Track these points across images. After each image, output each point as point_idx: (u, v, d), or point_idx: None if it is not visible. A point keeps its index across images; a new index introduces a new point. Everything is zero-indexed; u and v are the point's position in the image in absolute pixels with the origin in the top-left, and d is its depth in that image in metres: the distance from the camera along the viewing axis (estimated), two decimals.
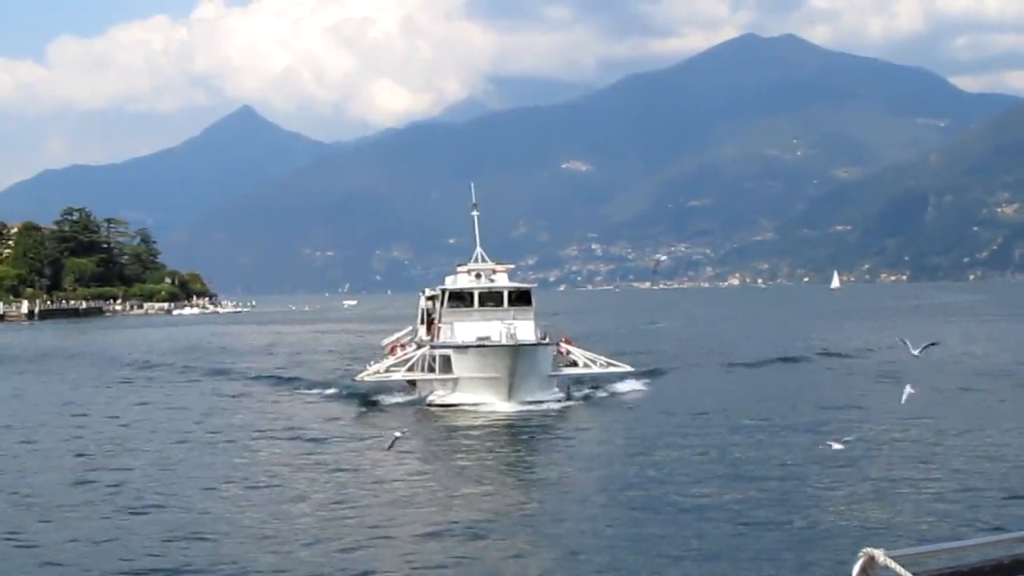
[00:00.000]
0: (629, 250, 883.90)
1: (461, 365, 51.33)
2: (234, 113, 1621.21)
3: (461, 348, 51.55)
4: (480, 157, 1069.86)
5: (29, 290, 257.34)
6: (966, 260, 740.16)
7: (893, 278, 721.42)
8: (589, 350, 59.07)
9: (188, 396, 65.42)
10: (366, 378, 55.79)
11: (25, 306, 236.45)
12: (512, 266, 63.33)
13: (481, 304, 55.39)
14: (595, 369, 56.63)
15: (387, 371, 56.39)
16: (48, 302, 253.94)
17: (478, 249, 60.71)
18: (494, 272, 58.70)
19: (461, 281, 58.24)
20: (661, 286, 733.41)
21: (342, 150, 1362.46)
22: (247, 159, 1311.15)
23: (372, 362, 60.22)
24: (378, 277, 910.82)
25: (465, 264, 60.40)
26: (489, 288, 56.59)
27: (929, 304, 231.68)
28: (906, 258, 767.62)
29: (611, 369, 57.13)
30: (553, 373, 54.89)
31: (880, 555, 4.52)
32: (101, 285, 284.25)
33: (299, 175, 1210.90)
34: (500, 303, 55.39)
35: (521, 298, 56.31)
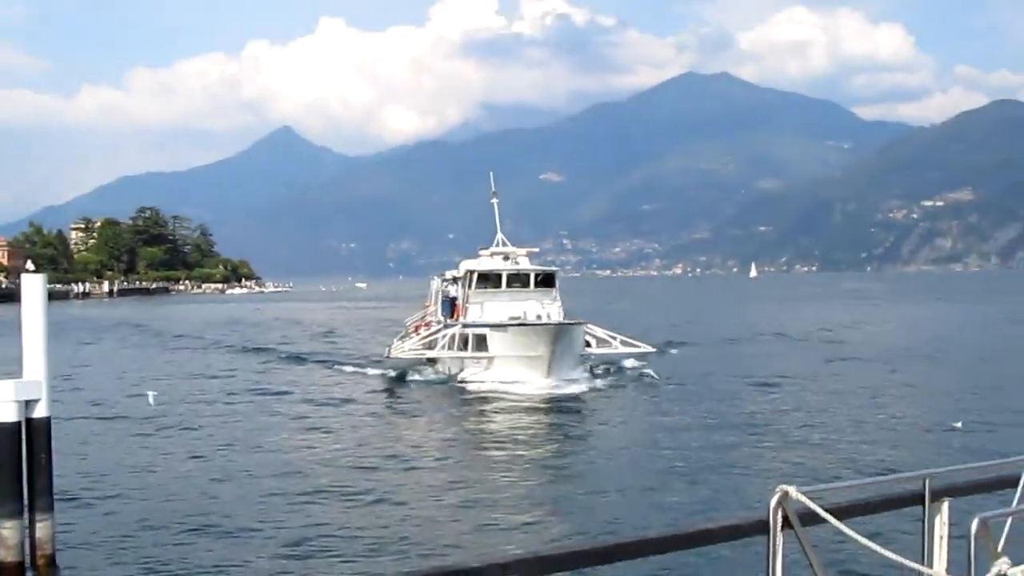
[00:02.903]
0: (593, 244, 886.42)
1: (498, 343, 44.24)
2: (276, 131, 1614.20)
3: (499, 327, 44.59)
4: (473, 169, 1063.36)
5: (109, 273, 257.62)
6: (864, 255, 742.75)
7: (805, 269, 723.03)
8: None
9: (236, 362, 64.42)
10: (397, 354, 49.48)
11: (106, 286, 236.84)
12: (536, 249, 55.86)
13: (508, 285, 48.64)
14: (620, 349, 49.51)
15: (416, 349, 49.63)
16: (124, 283, 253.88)
17: (499, 235, 53.62)
18: (517, 255, 52.68)
19: (488, 263, 51.49)
20: (619, 274, 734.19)
21: (363, 162, 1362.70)
22: (286, 169, 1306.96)
23: (397, 338, 55.12)
24: (391, 264, 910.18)
25: (487, 248, 53.70)
26: (517, 270, 50.08)
27: (838, 291, 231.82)
28: (816, 253, 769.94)
29: (631, 349, 49.83)
30: (583, 352, 47.97)
31: (793, 491, 4.41)
32: (168, 269, 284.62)
33: (328, 182, 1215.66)
34: (526, 284, 49.01)
35: (546, 280, 50.02)
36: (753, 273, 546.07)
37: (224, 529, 21.00)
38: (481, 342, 45.01)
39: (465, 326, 46.70)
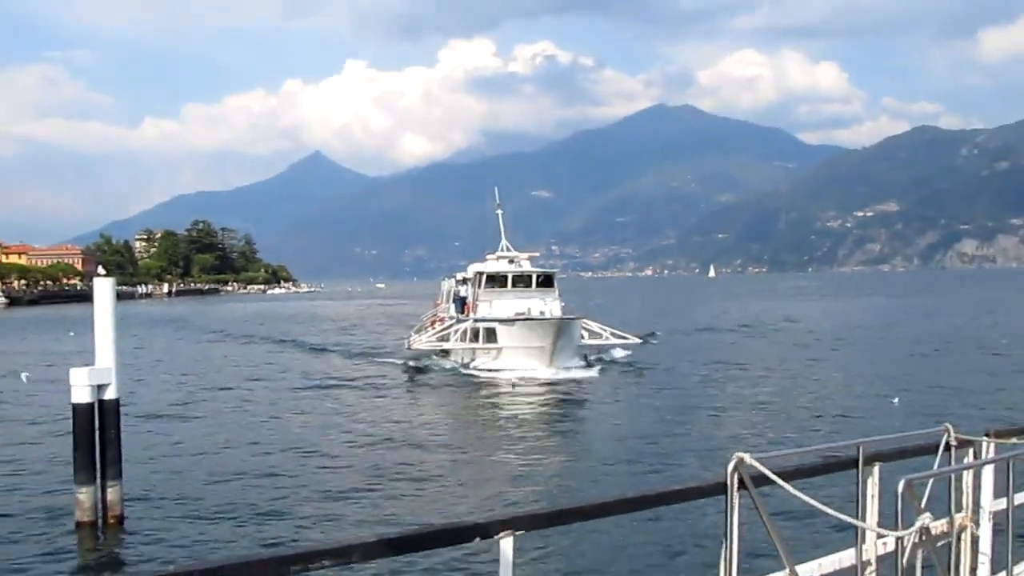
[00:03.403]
0: (577, 250, 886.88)
1: (506, 336, 43.05)
2: (308, 156, 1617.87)
3: (507, 321, 43.43)
4: (475, 187, 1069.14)
5: (168, 276, 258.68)
6: (806, 258, 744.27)
7: (756, 270, 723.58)
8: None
9: (275, 350, 64.20)
10: (416, 346, 48.19)
11: (165, 287, 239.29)
12: (537, 254, 54.35)
13: (514, 285, 47.40)
14: (610, 340, 47.94)
15: (432, 341, 48.54)
16: (181, 285, 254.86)
17: (503, 241, 52.58)
18: (521, 259, 51.36)
19: (495, 266, 50.25)
20: (598, 276, 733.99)
21: (382, 181, 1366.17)
22: (317, 187, 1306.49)
23: (414, 331, 53.57)
24: (407, 268, 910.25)
25: (494, 252, 52.46)
26: (521, 271, 48.77)
27: (784, 288, 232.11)
28: (765, 256, 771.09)
29: (620, 340, 48.29)
30: (580, 343, 46.30)
31: (747, 457, 4.38)
32: (218, 273, 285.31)
33: (352, 198, 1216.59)
34: (529, 284, 47.70)
35: (547, 280, 48.61)
36: (711, 274, 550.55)
37: (265, 488, 20.87)
38: (491, 335, 43.93)
39: (476, 321, 45.47)
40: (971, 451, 6.01)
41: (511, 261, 50.40)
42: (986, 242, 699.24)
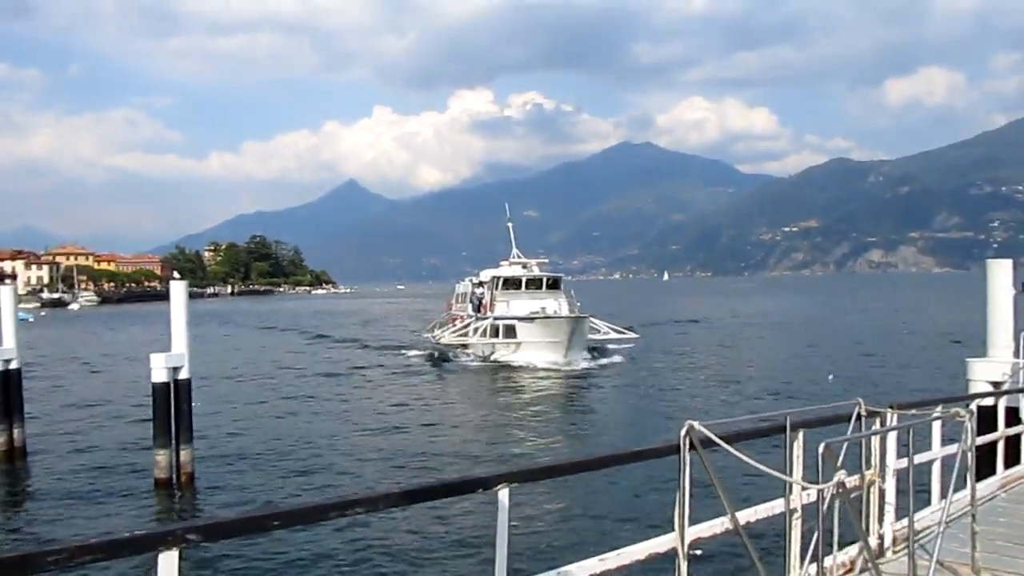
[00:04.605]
0: (559, 259, 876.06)
1: (526, 332, 40.61)
2: (344, 183, 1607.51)
3: (526, 319, 40.86)
4: (478, 209, 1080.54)
5: (231, 280, 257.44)
6: (743, 265, 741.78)
7: (703, 274, 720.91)
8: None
9: (316, 343, 63.23)
10: (442, 340, 45.27)
11: (229, 288, 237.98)
12: (546, 260, 51.15)
13: (527, 287, 44.93)
14: (611, 335, 44.92)
15: (456, 336, 44.88)
16: (242, 286, 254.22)
17: (515, 249, 49.64)
18: (532, 264, 48.48)
19: (510, 271, 47.38)
20: (576, 279, 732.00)
21: (404, 204, 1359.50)
22: (351, 208, 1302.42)
23: (437, 326, 50.36)
24: (424, 273, 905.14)
25: (507, 259, 49.68)
26: (534, 275, 46.26)
27: (726, 289, 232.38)
28: (710, 263, 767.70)
29: (619, 335, 45.19)
30: (587, 338, 43.04)
31: (696, 424, 4.36)
32: (272, 277, 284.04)
33: (380, 217, 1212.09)
34: (540, 287, 45.20)
35: (555, 283, 46.03)
36: (666, 277, 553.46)
37: (310, 450, 20.83)
38: (510, 331, 41.46)
39: (496, 319, 42.72)
40: (878, 420, 6.09)
41: (524, 267, 48.03)
42: (890, 251, 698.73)
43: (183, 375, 17.76)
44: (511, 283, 45.41)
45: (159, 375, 17.42)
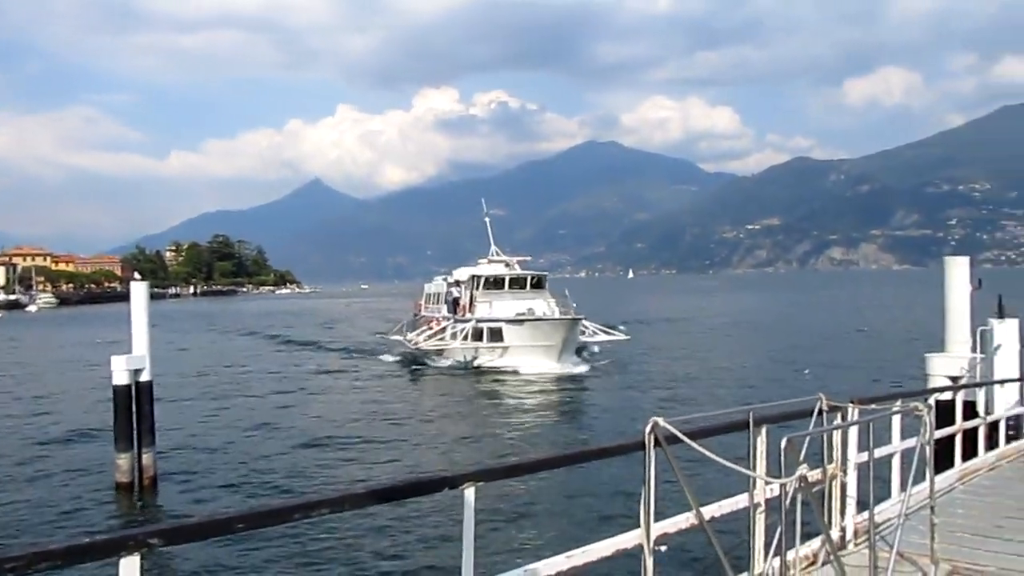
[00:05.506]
0: (525, 257, 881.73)
1: (514, 335, 37.34)
2: (308, 182, 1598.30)
3: (515, 321, 37.50)
4: (443, 208, 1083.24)
5: (194, 280, 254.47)
6: (707, 262, 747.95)
7: (668, 272, 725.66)
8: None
9: (283, 346, 62.27)
10: (419, 344, 41.79)
11: (191, 289, 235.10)
12: (528, 258, 48.31)
13: (510, 287, 41.75)
14: (600, 337, 42.59)
15: (434, 339, 41.36)
16: (205, 287, 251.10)
17: (493, 247, 47.05)
18: (514, 262, 45.76)
19: (491, 269, 44.46)
20: None
21: (368, 203, 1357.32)
22: (315, 207, 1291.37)
23: (407, 327, 47.19)
24: (390, 272, 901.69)
25: (485, 256, 46.85)
26: (517, 274, 43.35)
27: (690, 287, 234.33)
28: (674, 261, 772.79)
29: (609, 336, 42.77)
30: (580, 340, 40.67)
31: (661, 421, 4.39)
32: (235, 277, 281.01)
33: (345, 216, 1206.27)
34: (524, 286, 42.04)
35: (539, 282, 42.96)
36: (631, 275, 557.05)
37: (275, 453, 20.64)
38: (495, 334, 38.03)
39: (479, 321, 39.19)
40: (840, 415, 6.18)
41: (507, 265, 45.05)
42: (851, 249, 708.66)
43: (145, 377, 17.51)
44: (492, 282, 42.20)
45: (120, 377, 17.16)
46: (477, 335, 38.85)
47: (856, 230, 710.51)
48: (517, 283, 42.38)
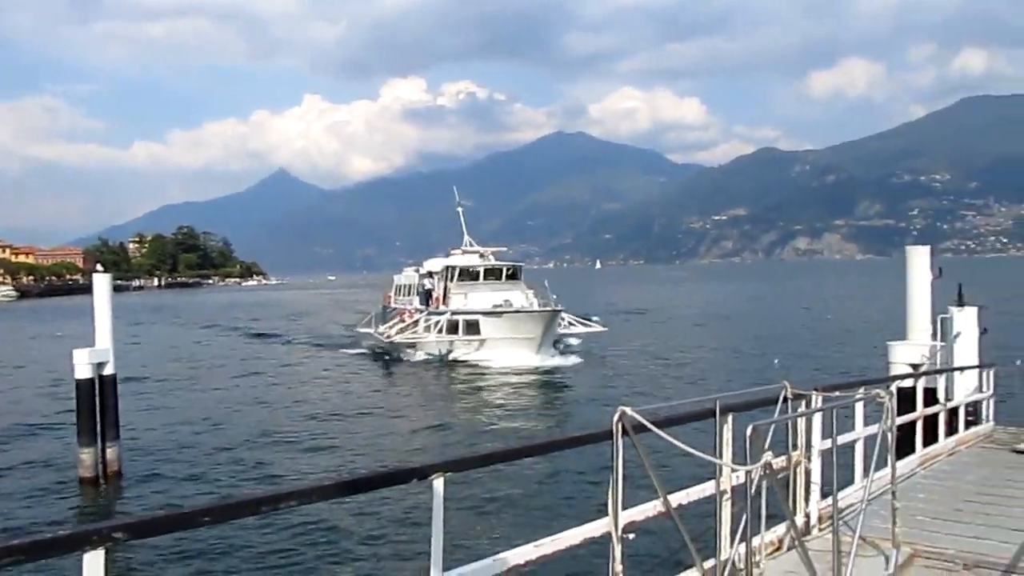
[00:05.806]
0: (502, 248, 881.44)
1: (491, 327, 36.23)
2: (274, 173, 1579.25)
3: (492, 313, 36.56)
4: (411, 198, 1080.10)
5: (158, 272, 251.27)
6: (674, 253, 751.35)
7: (636, 263, 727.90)
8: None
9: (254, 339, 61.11)
10: (391, 337, 39.70)
11: (155, 281, 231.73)
12: (504, 248, 46.94)
13: (485, 278, 40.74)
14: (579, 329, 41.44)
15: (408, 332, 39.19)
16: (169, 279, 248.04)
17: (466, 237, 45.90)
18: (489, 253, 44.36)
19: (466, 260, 43.13)
20: None
21: (336, 193, 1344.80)
22: (281, 198, 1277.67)
23: (376, 319, 45.28)
24: (358, 263, 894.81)
25: (458, 247, 45.63)
26: (492, 265, 42.20)
27: (659, 278, 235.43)
28: (642, 252, 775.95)
29: (587, 328, 41.80)
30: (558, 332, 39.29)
31: (628, 410, 4.41)
32: (200, 269, 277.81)
33: (311, 207, 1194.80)
34: (499, 277, 41.11)
35: (515, 273, 42.08)
36: (598, 266, 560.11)
37: (242, 445, 20.46)
38: (472, 327, 36.90)
39: (455, 313, 38.02)
40: (804, 403, 6.25)
41: (481, 255, 43.79)
42: (815, 239, 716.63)
43: (108, 370, 17.28)
44: (467, 273, 41.11)
45: (83, 371, 16.92)
46: (452, 328, 37.58)
47: (820, 220, 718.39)
48: (492, 274, 41.42)
